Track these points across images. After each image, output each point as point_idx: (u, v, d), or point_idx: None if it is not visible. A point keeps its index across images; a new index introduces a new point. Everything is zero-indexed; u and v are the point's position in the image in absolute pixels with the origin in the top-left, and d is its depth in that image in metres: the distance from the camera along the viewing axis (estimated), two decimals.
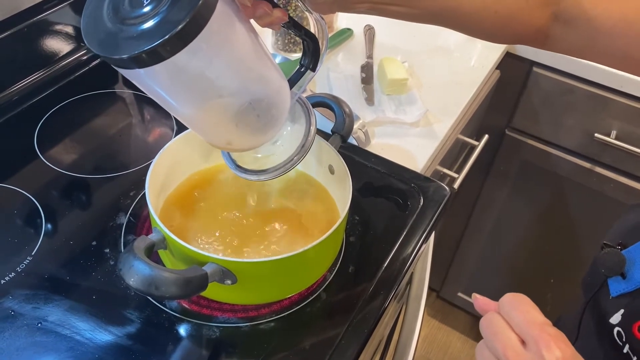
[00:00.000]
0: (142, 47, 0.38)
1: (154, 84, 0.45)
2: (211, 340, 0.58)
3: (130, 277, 0.47)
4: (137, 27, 0.39)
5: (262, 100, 0.50)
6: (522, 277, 1.50)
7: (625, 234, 0.58)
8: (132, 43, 0.39)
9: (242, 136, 0.53)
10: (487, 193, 1.39)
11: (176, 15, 0.38)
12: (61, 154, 0.76)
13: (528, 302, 0.41)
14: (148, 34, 0.39)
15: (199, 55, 0.41)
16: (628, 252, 0.54)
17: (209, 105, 0.48)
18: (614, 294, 0.54)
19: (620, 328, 0.52)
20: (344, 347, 0.57)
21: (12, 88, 0.84)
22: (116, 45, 0.40)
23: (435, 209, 0.72)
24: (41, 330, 0.56)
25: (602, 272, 0.55)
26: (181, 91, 0.46)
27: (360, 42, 1.06)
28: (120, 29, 0.40)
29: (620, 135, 1.11)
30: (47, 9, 0.85)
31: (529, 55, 1.12)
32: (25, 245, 0.64)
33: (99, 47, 0.40)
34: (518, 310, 0.41)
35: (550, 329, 0.39)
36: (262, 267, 0.54)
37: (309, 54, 0.55)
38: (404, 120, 0.88)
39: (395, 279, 0.64)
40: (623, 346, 0.52)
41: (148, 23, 0.39)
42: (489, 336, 0.41)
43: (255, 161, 0.61)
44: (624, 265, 0.53)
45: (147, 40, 0.38)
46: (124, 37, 0.40)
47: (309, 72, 0.56)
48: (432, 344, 1.71)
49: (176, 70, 0.41)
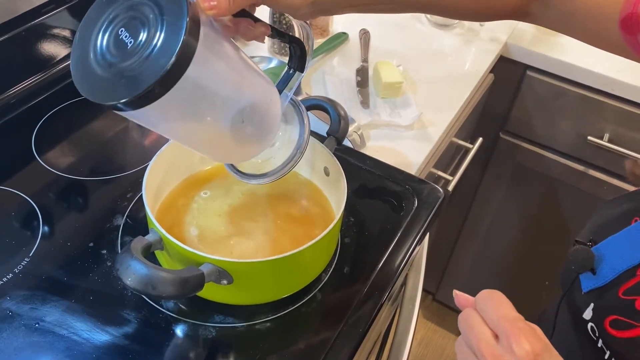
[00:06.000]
0: (128, 94, 0.40)
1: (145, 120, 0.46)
2: (207, 340, 0.58)
3: (127, 277, 0.48)
4: (122, 72, 0.41)
5: (253, 110, 0.52)
6: (517, 279, 1.51)
7: (595, 230, 0.59)
8: (119, 89, 0.41)
9: (240, 148, 0.54)
10: (482, 196, 1.40)
11: (160, 58, 0.40)
12: (58, 156, 0.77)
13: (502, 298, 0.43)
14: (133, 79, 0.40)
15: (187, 89, 0.42)
16: (597, 249, 0.55)
17: (201, 127, 0.49)
18: (585, 290, 0.55)
19: (592, 323, 0.53)
20: (338, 347, 0.58)
21: (9, 91, 0.84)
22: (105, 91, 0.41)
23: (429, 210, 0.73)
24: (39, 331, 0.56)
25: (573, 268, 0.56)
26: (174, 122, 0.47)
27: (355, 45, 1.07)
28: (108, 74, 0.41)
29: (612, 137, 1.13)
30: (44, 13, 0.86)
31: (522, 58, 1.13)
32: (23, 247, 0.64)
33: (90, 94, 0.42)
34: (491, 306, 0.42)
35: (521, 324, 0.40)
36: (258, 268, 0.55)
37: (295, 57, 0.57)
38: (399, 123, 0.89)
39: (389, 280, 0.65)
40: (597, 341, 0.53)
41: (132, 67, 0.40)
42: (465, 330, 0.43)
43: (253, 165, 0.62)
44: (593, 262, 0.54)
45: (132, 86, 0.40)
46: (112, 82, 0.41)
47: (297, 73, 0.58)
48: (428, 347, 1.71)
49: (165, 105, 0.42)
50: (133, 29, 0.41)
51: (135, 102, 0.40)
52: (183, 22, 0.40)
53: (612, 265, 0.53)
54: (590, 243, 0.56)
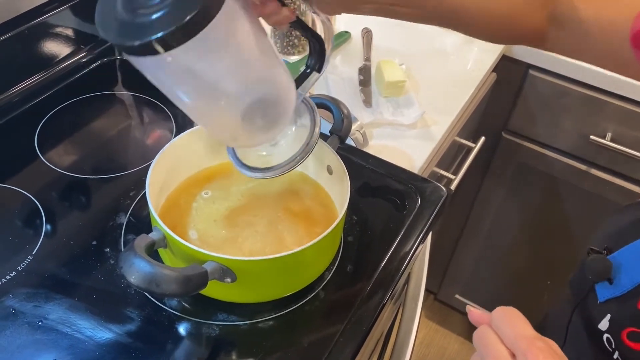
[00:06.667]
0: (153, 35, 0.39)
1: (163, 75, 0.45)
2: (210, 338, 0.58)
3: (131, 275, 0.48)
4: (149, 17, 0.40)
5: (269, 97, 0.51)
6: (519, 279, 1.51)
7: (610, 238, 0.58)
8: (145, 31, 0.40)
9: (247, 132, 0.53)
10: (484, 195, 1.40)
11: (186, 6, 0.39)
12: (61, 155, 0.77)
13: (518, 316, 0.42)
14: (159, 23, 0.39)
15: (207, 47, 0.42)
16: (614, 258, 0.55)
17: (215, 100, 0.48)
18: (601, 299, 0.54)
19: (609, 335, 0.53)
20: (341, 346, 0.58)
21: (12, 90, 0.84)
22: (128, 34, 0.40)
23: (432, 209, 0.73)
24: (42, 329, 0.56)
25: (590, 278, 0.56)
26: (189, 84, 0.46)
27: (358, 44, 1.07)
28: (132, 19, 0.41)
29: (615, 137, 1.12)
30: (47, 12, 0.86)
31: (525, 58, 1.13)
32: (26, 245, 0.64)
33: (113, 35, 0.41)
34: (508, 324, 0.41)
35: (539, 343, 0.39)
36: (262, 265, 0.55)
37: (314, 55, 0.56)
38: (402, 122, 0.89)
39: (392, 279, 0.65)
40: (613, 352, 0.52)
41: (159, 13, 0.40)
42: (481, 349, 0.42)
43: (259, 159, 0.62)
44: (611, 271, 0.54)
45: (157, 29, 0.39)
46: (137, 26, 0.40)
47: (315, 73, 0.57)
48: (430, 346, 1.71)
49: (184, 60, 0.42)
50: None
51: (162, 41, 0.39)
52: None
53: (630, 275, 0.52)
54: (605, 251, 0.56)
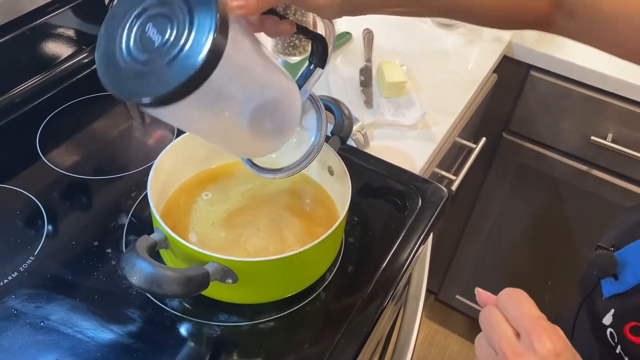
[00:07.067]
0: (154, 92, 0.39)
1: (169, 116, 0.46)
2: (212, 339, 0.58)
3: (132, 276, 0.48)
4: (149, 69, 0.40)
5: (274, 105, 0.51)
6: (520, 280, 1.51)
7: (618, 236, 0.59)
8: (145, 86, 0.40)
9: (259, 143, 0.54)
10: (485, 195, 1.40)
11: (189, 58, 0.39)
12: (63, 155, 0.77)
13: (524, 297, 0.43)
14: (160, 77, 0.39)
15: (213, 88, 0.41)
16: (620, 254, 0.55)
17: (222, 122, 0.48)
18: (606, 295, 0.55)
19: (612, 329, 0.53)
20: (342, 346, 0.58)
21: (14, 91, 0.84)
22: (130, 88, 0.40)
23: (433, 210, 0.73)
24: (44, 329, 0.57)
25: (595, 273, 0.56)
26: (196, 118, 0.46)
27: (359, 45, 1.07)
28: (134, 71, 0.41)
29: (616, 138, 1.12)
30: (48, 13, 0.86)
31: (526, 58, 1.13)
32: (28, 245, 0.64)
33: (117, 90, 0.41)
34: (514, 304, 0.42)
35: (544, 322, 0.40)
36: (263, 266, 0.55)
37: (317, 54, 0.57)
38: (403, 123, 0.89)
39: (393, 280, 0.65)
40: (615, 347, 0.52)
41: (160, 65, 0.39)
42: (487, 328, 0.43)
43: (270, 159, 0.62)
44: (616, 267, 0.54)
45: (158, 85, 0.39)
46: (138, 79, 0.40)
47: (318, 69, 0.58)
48: (431, 347, 1.71)
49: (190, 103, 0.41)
50: (160, 25, 0.40)
51: (161, 100, 0.39)
52: (213, 21, 0.38)
53: (635, 271, 0.52)
54: (612, 248, 0.56)
